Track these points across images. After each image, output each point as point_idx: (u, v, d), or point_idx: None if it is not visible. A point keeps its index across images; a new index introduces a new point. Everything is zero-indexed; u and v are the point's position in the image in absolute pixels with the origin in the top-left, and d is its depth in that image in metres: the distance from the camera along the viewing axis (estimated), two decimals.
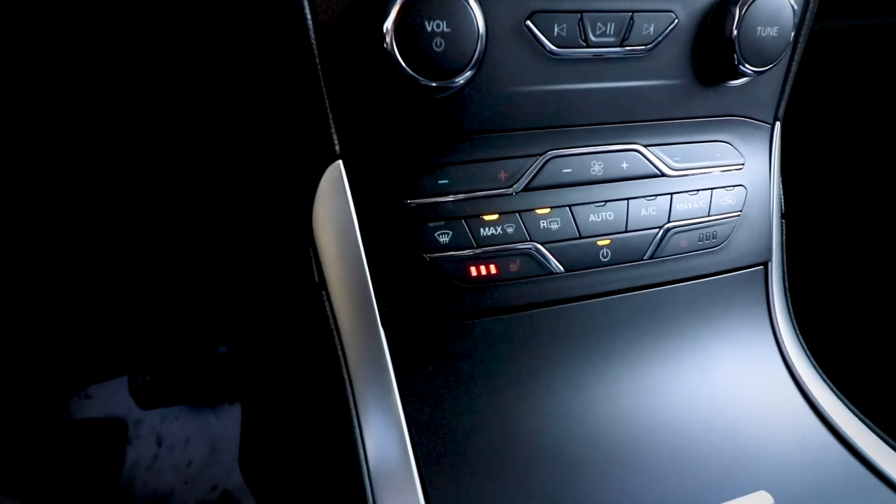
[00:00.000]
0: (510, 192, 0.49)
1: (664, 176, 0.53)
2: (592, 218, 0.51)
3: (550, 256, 0.50)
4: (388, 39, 0.40)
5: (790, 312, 0.63)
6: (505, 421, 0.51)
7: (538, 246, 0.50)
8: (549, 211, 0.50)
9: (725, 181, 0.56)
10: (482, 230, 0.48)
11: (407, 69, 0.41)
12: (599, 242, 0.52)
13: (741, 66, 0.50)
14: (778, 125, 0.60)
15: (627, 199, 0.52)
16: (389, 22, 0.40)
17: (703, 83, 0.53)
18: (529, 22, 0.45)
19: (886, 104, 0.87)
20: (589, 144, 0.51)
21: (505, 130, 0.49)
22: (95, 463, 1.22)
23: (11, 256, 0.79)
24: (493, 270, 0.49)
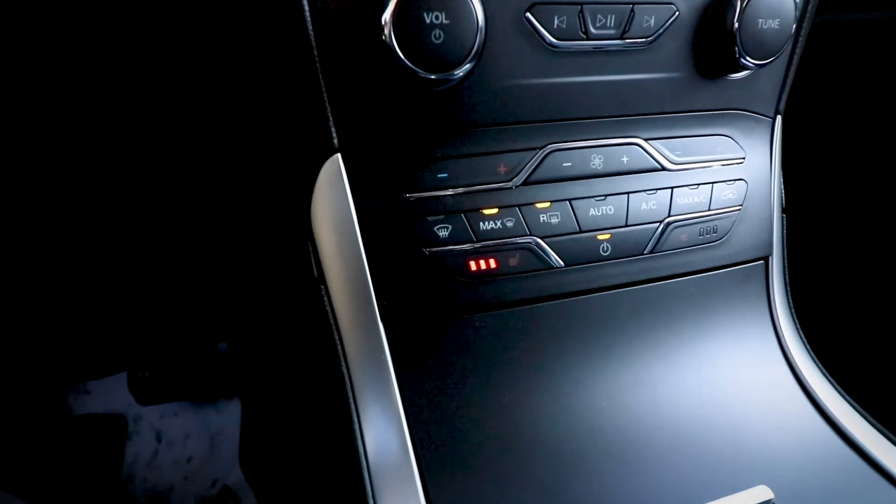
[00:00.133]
0: (510, 185, 0.49)
1: (665, 170, 0.53)
2: (592, 212, 0.51)
3: (550, 251, 0.50)
4: (386, 31, 0.40)
5: (791, 308, 0.63)
6: (505, 415, 0.50)
7: (538, 240, 0.50)
8: (549, 205, 0.50)
9: (726, 175, 0.56)
10: (482, 224, 0.48)
11: (406, 61, 0.41)
12: (599, 237, 0.51)
13: (742, 58, 0.49)
14: (779, 119, 0.59)
15: (628, 192, 0.52)
16: (388, 14, 0.40)
17: (703, 76, 0.52)
18: (529, 14, 0.45)
19: (887, 99, 0.87)
20: (589, 138, 0.51)
21: (504, 124, 0.48)
22: (95, 459, 1.22)
23: (11, 252, 0.79)
24: (492, 265, 0.49)
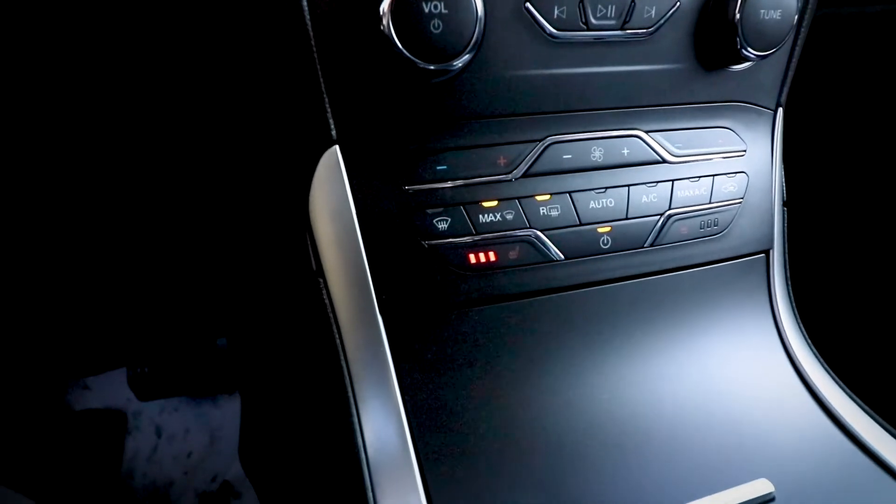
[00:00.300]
0: (509, 178, 0.48)
1: (665, 162, 0.53)
2: (593, 204, 0.51)
3: (550, 243, 0.50)
4: (384, 21, 0.40)
5: (791, 301, 0.62)
6: (504, 409, 0.50)
7: (538, 233, 0.49)
8: (549, 197, 0.49)
9: (727, 168, 0.56)
10: (481, 217, 0.48)
11: (404, 52, 0.40)
12: (600, 229, 0.51)
13: (744, 49, 0.49)
14: (780, 111, 0.59)
15: (628, 185, 0.52)
16: (386, 3, 0.39)
17: (705, 68, 0.52)
18: (529, 4, 0.45)
19: (889, 93, 0.86)
20: (589, 130, 0.50)
21: (504, 115, 0.48)
22: (95, 454, 1.22)
23: (10, 248, 0.79)
24: (492, 257, 0.49)
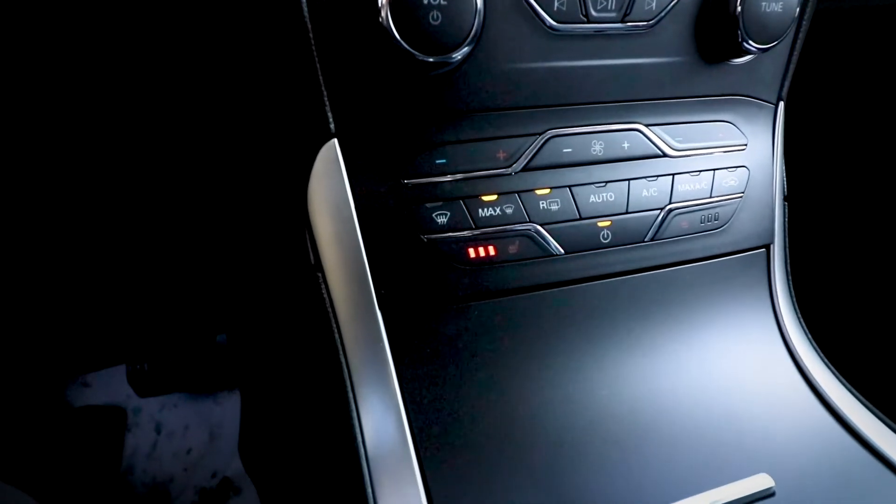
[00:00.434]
0: (509, 171, 0.48)
1: (666, 156, 0.53)
2: (593, 199, 0.50)
3: (550, 238, 0.49)
4: (383, 13, 0.39)
5: (792, 296, 0.62)
6: (504, 404, 0.50)
7: (538, 227, 0.49)
8: (548, 191, 0.49)
9: (728, 162, 0.56)
10: (481, 211, 0.47)
11: (403, 44, 0.40)
12: (600, 224, 0.51)
13: (745, 42, 0.49)
14: (781, 105, 0.59)
15: (628, 179, 0.51)
16: None
17: (706, 61, 0.52)
18: None
19: (891, 87, 0.86)
20: (589, 123, 0.50)
21: (503, 109, 0.48)
22: (95, 450, 1.22)
23: (9, 245, 0.79)
24: (491, 252, 0.48)
